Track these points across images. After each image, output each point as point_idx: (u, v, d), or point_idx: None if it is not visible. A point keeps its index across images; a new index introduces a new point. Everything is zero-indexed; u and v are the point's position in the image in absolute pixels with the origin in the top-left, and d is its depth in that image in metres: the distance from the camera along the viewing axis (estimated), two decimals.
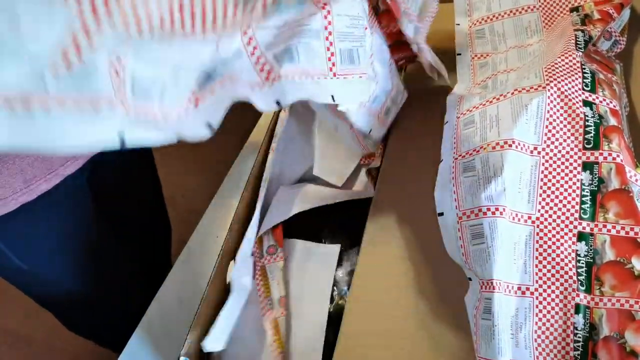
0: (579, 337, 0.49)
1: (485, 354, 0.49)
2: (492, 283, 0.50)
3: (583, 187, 0.53)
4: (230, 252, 0.67)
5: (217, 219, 0.80)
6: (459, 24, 0.75)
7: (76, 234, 0.77)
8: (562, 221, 0.52)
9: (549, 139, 0.55)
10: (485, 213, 0.52)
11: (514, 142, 0.55)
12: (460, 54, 0.73)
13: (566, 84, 0.57)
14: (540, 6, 0.70)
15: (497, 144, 0.55)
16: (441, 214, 0.56)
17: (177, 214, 1.48)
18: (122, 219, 0.90)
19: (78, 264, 0.80)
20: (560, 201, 0.53)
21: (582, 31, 0.62)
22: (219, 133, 0.50)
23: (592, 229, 0.52)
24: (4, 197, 0.65)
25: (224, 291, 0.65)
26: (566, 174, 0.54)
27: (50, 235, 0.75)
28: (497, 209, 0.52)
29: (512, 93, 0.58)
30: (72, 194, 0.73)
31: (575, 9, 0.67)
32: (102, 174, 0.77)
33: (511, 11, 0.72)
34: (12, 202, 0.66)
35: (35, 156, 0.65)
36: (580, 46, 0.61)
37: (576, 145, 0.54)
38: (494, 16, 0.73)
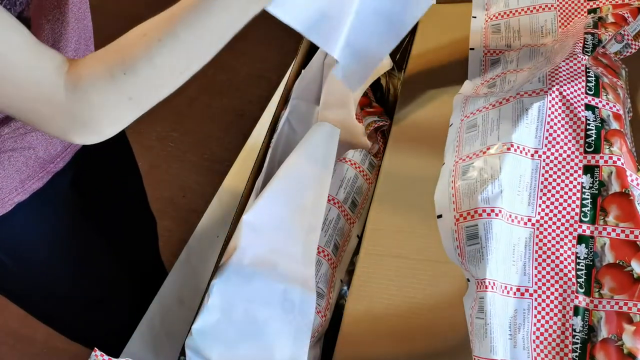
0: (577, 339, 0.49)
1: (479, 352, 0.49)
2: (484, 282, 0.50)
3: (584, 190, 0.53)
4: None
5: (217, 219, 0.80)
6: (475, 17, 0.75)
7: (65, 233, 0.77)
8: (563, 224, 0.53)
9: (549, 142, 0.55)
10: (480, 214, 0.52)
11: (512, 146, 0.55)
12: (473, 49, 0.73)
13: (568, 88, 0.57)
14: (557, 5, 0.70)
15: (497, 147, 0.55)
16: (440, 217, 0.56)
17: (177, 214, 1.48)
18: (106, 214, 0.89)
19: (67, 264, 0.80)
20: (561, 204, 0.53)
21: (592, 35, 0.62)
22: (219, 133, 0.50)
23: (592, 232, 0.52)
24: (1, 198, 0.65)
25: None
26: (567, 177, 0.54)
27: (41, 235, 0.74)
28: (492, 210, 0.52)
29: (514, 97, 0.58)
30: (61, 192, 0.74)
31: (593, 10, 0.67)
32: (85, 170, 0.77)
33: (528, 8, 0.72)
34: (9, 203, 0.66)
35: (31, 154, 0.65)
36: (587, 50, 0.61)
37: (577, 149, 0.55)
38: (511, 12, 0.73)
